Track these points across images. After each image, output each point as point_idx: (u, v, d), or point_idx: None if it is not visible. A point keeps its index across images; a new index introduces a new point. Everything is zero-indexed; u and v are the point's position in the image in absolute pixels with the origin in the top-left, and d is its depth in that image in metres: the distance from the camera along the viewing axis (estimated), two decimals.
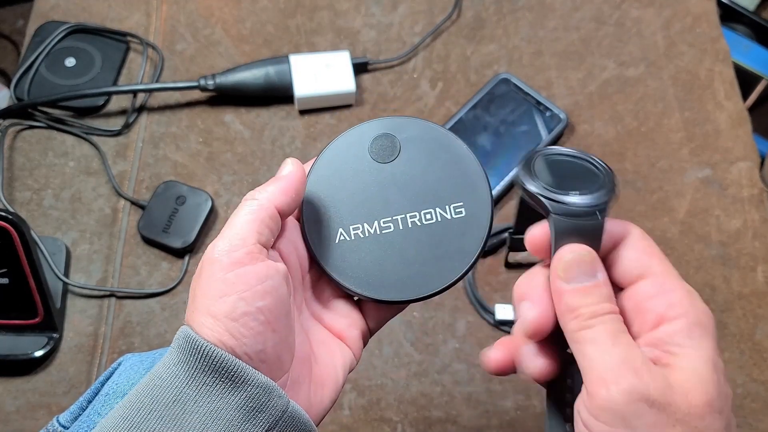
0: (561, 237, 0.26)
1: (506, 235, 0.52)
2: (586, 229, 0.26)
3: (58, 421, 0.40)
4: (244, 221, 0.27)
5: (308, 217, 0.31)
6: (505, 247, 0.53)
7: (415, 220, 0.31)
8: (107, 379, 0.40)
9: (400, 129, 0.32)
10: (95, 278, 0.52)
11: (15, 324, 0.48)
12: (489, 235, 0.31)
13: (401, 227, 0.31)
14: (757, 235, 0.52)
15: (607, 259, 0.26)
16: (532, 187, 0.26)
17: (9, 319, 0.48)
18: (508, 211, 0.54)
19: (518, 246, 0.29)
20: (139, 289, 0.51)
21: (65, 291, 0.51)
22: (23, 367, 0.49)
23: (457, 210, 0.31)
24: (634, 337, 0.25)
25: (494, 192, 0.53)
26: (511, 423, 0.47)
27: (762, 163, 0.56)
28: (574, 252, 0.25)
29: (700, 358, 0.23)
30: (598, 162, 0.27)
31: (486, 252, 0.52)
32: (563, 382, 0.27)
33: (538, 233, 0.27)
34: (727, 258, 0.52)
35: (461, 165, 0.31)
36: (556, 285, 0.25)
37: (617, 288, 0.26)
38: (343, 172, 0.32)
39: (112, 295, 0.51)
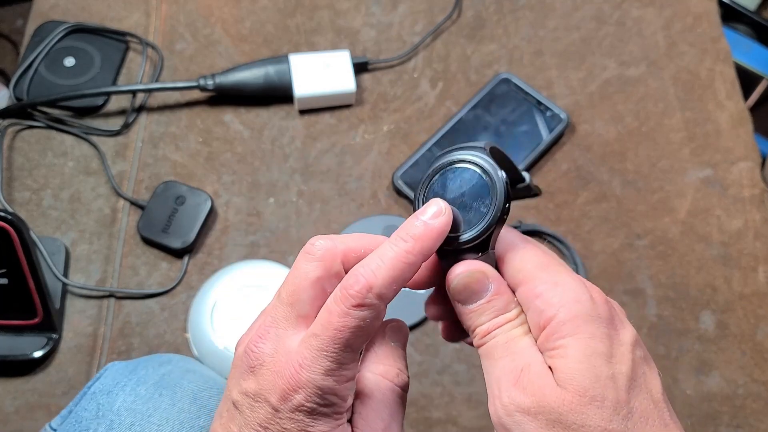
0: (447, 267, 0.25)
1: None
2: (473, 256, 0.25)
3: (50, 426, 0.41)
4: None
5: None
6: None
7: None
8: (93, 384, 0.40)
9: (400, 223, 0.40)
10: (94, 278, 0.51)
11: (14, 324, 0.48)
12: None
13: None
14: (758, 235, 0.52)
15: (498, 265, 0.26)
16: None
17: (8, 320, 0.48)
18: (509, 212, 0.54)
19: None
20: (139, 289, 0.51)
21: (64, 291, 0.51)
22: (22, 367, 0.49)
23: None
24: (535, 337, 0.24)
25: None
26: None
27: (763, 163, 0.56)
28: (459, 278, 0.25)
29: (576, 347, 0.23)
30: (488, 167, 0.24)
31: None
32: None
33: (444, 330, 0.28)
34: (728, 258, 0.52)
35: None
36: (455, 306, 0.26)
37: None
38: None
39: (111, 295, 0.51)
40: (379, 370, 0.26)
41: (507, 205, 0.24)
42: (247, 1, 0.62)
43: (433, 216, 0.24)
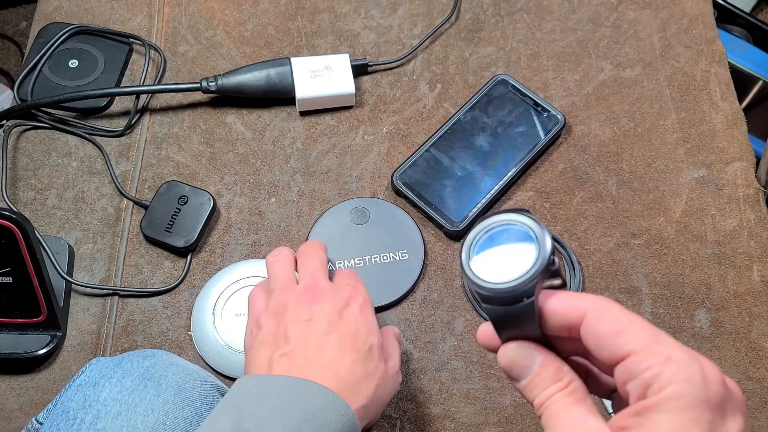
0: (497, 325, 0.27)
1: None
2: (516, 314, 0.25)
3: (36, 419, 0.42)
4: None
5: None
6: None
7: (377, 259, 0.51)
8: (79, 377, 0.41)
9: (369, 204, 0.53)
10: (98, 277, 0.52)
11: (18, 322, 0.49)
12: (422, 271, 0.51)
13: (368, 263, 0.51)
14: (752, 235, 0.53)
15: (580, 335, 0.25)
16: (465, 275, 0.26)
17: (12, 318, 0.48)
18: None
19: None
20: (142, 287, 0.52)
21: (68, 290, 0.51)
22: (26, 365, 0.49)
23: (402, 254, 0.52)
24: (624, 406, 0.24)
25: (492, 193, 0.53)
26: (509, 419, 0.48)
27: (757, 163, 0.56)
28: (505, 356, 0.27)
29: (666, 426, 0.22)
30: (535, 228, 0.26)
31: None
32: None
33: (482, 329, 0.28)
34: (722, 257, 0.52)
35: (407, 227, 0.53)
36: (513, 384, 0.27)
37: (609, 366, 0.25)
38: (333, 229, 0.52)
39: (115, 293, 0.52)
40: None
41: (552, 256, 0.25)
42: (249, 4, 0.63)
43: None
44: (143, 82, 0.59)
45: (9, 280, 0.47)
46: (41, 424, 0.42)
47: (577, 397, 0.25)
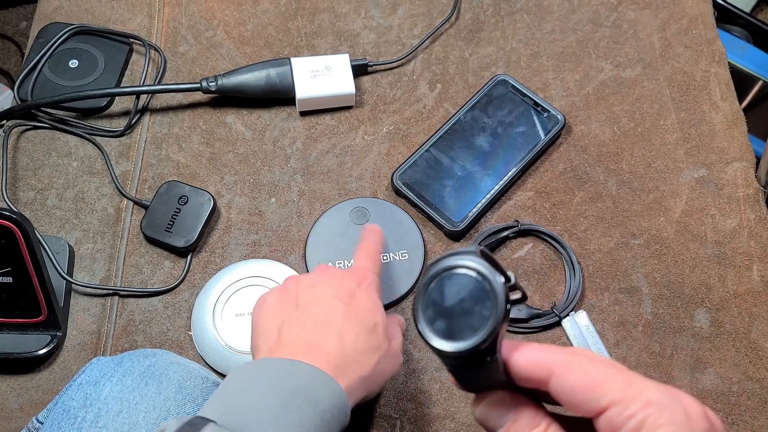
0: (462, 383, 0.26)
1: (505, 234, 0.53)
2: (480, 371, 0.25)
3: (36, 419, 0.42)
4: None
5: (311, 254, 0.52)
6: (502, 247, 0.53)
7: None
8: (79, 376, 0.41)
9: (369, 204, 0.53)
10: (98, 277, 0.52)
11: (19, 322, 0.49)
12: (422, 271, 0.51)
13: None
14: (752, 235, 0.53)
15: (550, 392, 0.24)
16: (420, 329, 0.24)
17: (13, 318, 0.48)
18: (505, 212, 0.54)
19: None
20: (142, 287, 0.52)
21: (68, 290, 0.51)
22: (27, 365, 0.49)
23: (402, 254, 0.52)
24: None
25: (492, 193, 0.53)
26: None
27: (757, 163, 0.56)
28: (478, 410, 0.26)
29: None
30: (485, 272, 0.24)
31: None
32: None
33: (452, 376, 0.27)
34: (722, 257, 0.52)
35: (407, 227, 0.52)
36: None
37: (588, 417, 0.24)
38: (333, 229, 0.53)
39: (115, 293, 0.52)
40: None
41: (508, 306, 0.23)
42: (249, 4, 0.63)
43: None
44: (143, 82, 0.59)
45: (9, 280, 0.47)
46: (42, 423, 0.42)
47: None
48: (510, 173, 0.54)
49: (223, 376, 0.49)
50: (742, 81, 0.90)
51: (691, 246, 0.53)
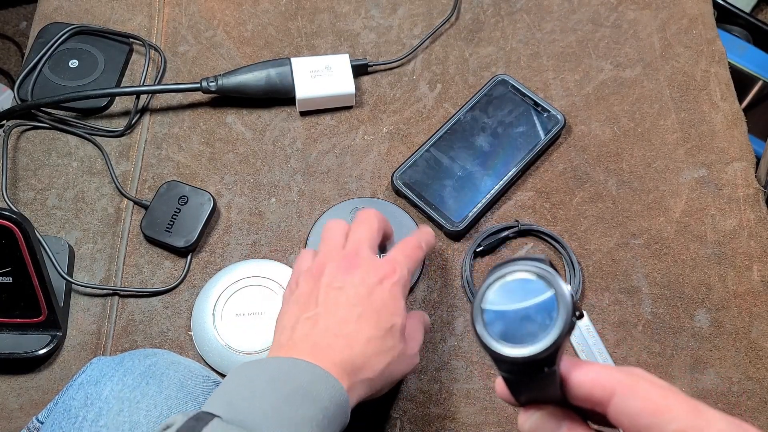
0: (514, 391, 0.25)
1: (505, 234, 0.53)
2: (536, 382, 0.24)
3: (37, 419, 0.42)
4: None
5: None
6: (502, 247, 0.53)
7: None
8: (80, 376, 0.41)
9: (369, 204, 0.53)
10: (98, 277, 0.52)
11: (19, 322, 0.49)
12: (422, 271, 0.51)
13: None
14: (752, 235, 0.53)
15: (608, 414, 0.24)
16: (477, 331, 0.23)
17: (13, 318, 0.48)
18: (506, 212, 0.54)
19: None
20: (142, 287, 0.52)
21: (68, 290, 0.51)
22: (27, 365, 0.49)
23: None
24: None
25: (492, 193, 0.53)
26: (508, 419, 0.48)
27: (757, 163, 0.56)
28: (528, 422, 0.25)
29: None
30: (555, 283, 0.23)
31: (485, 251, 0.52)
32: None
33: (501, 384, 0.26)
34: (722, 257, 0.52)
35: (407, 227, 0.52)
36: None
37: None
38: None
39: (115, 293, 0.52)
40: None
41: (574, 318, 0.22)
42: (249, 4, 0.63)
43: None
44: (143, 82, 0.59)
45: (9, 280, 0.47)
46: (42, 423, 0.42)
47: None
48: (510, 173, 0.54)
49: (223, 376, 0.49)
50: (742, 81, 0.90)
51: (691, 246, 0.53)
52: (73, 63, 0.59)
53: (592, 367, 0.24)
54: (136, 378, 0.40)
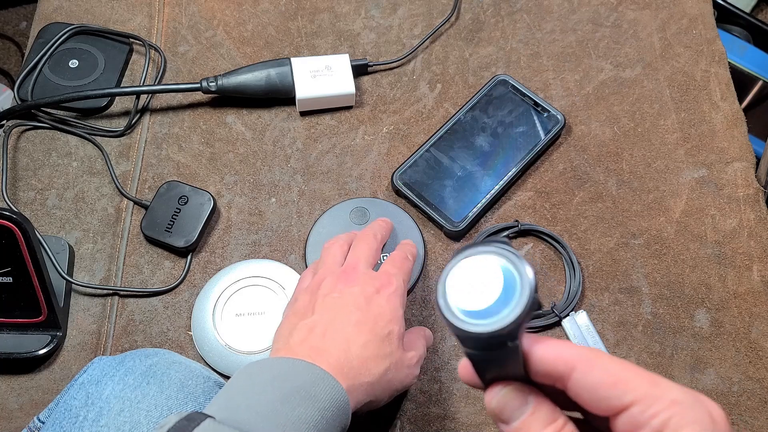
0: (478, 368, 0.26)
1: (505, 234, 0.53)
2: (500, 357, 0.24)
3: (38, 418, 0.42)
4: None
5: (311, 254, 0.52)
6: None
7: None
8: (81, 375, 0.41)
9: (369, 204, 0.53)
10: (98, 277, 0.52)
11: (19, 322, 0.49)
12: (422, 271, 0.52)
13: None
14: (752, 235, 0.53)
15: (568, 389, 0.24)
16: (440, 305, 0.24)
17: (13, 318, 0.48)
18: (506, 212, 0.54)
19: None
20: (142, 287, 0.52)
21: (68, 290, 0.51)
22: (27, 365, 0.49)
23: None
24: None
25: (492, 193, 0.53)
26: None
27: (757, 163, 0.56)
28: (495, 398, 0.25)
29: None
30: (515, 260, 0.24)
31: None
32: None
33: (463, 366, 0.26)
34: (722, 257, 0.52)
35: (407, 227, 0.52)
36: (499, 428, 0.26)
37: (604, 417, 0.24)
38: (333, 229, 0.52)
39: (115, 293, 0.52)
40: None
41: (536, 294, 0.23)
42: (249, 4, 0.63)
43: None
44: (143, 82, 0.59)
45: (9, 280, 0.47)
46: (43, 423, 0.42)
47: None
48: (510, 173, 0.54)
49: (223, 375, 0.49)
50: (742, 81, 0.90)
51: (691, 246, 0.53)
52: (73, 63, 0.59)
53: (553, 342, 0.25)
54: (137, 378, 0.40)
